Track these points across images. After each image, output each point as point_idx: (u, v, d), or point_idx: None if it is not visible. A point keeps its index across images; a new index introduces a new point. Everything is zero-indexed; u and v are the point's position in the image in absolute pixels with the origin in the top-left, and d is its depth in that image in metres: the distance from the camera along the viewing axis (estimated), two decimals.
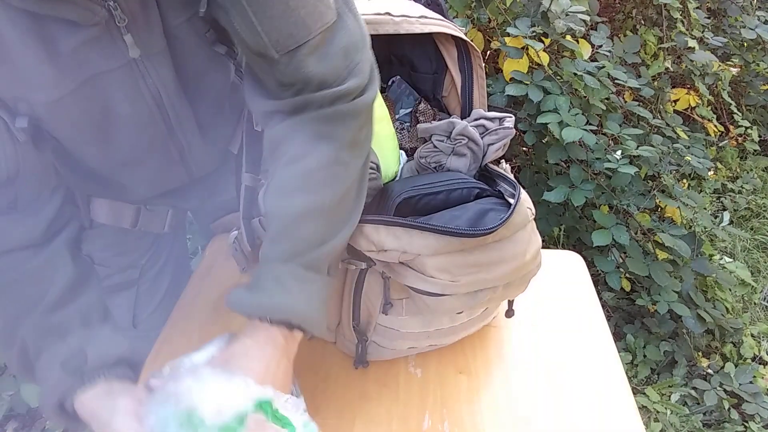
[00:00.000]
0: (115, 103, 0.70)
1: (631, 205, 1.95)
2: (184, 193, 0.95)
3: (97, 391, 0.66)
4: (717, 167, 2.84)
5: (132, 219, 0.92)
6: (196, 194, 0.98)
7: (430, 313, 0.77)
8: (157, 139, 0.78)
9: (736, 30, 2.63)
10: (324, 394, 0.83)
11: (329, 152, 0.65)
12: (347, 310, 0.80)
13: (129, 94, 0.70)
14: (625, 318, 2.08)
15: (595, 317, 0.96)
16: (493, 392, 0.84)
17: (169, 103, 0.75)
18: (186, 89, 0.77)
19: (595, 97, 1.87)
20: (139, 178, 0.85)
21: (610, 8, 2.70)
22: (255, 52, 0.64)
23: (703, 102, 2.49)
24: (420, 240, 0.69)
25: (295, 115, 0.67)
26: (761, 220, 2.67)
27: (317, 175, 0.65)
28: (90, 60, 0.64)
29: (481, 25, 2.06)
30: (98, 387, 0.66)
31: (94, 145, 0.75)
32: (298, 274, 0.63)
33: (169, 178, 0.89)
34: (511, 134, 0.82)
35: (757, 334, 2.09)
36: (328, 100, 0.65)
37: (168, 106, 0.75)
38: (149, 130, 0.76)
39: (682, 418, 1.78)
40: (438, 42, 0.84)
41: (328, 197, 0.65)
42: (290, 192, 0.66)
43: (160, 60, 0.70)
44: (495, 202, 0.75)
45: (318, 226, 0.65)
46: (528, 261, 0.75)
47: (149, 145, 0.79)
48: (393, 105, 0.92)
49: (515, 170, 2.20)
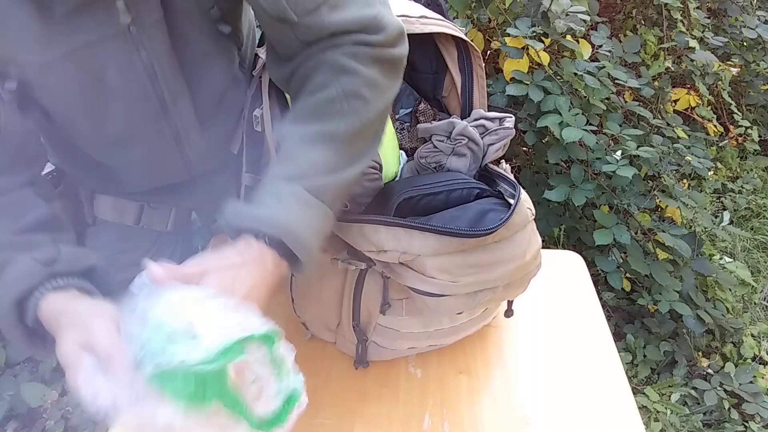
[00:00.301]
0: (107, 73, 0.69)
1: (632, 205, 1.95)
2: (185, 192, 0.95)
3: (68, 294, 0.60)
4: (717, 167, 2.84)
5: (135, 216, 0.92)
6: (197, 193, 0.98)
7: (430, 313, 0.77)
8: (149, 115, 0.77)
9: (737, 30, 2.63)
10: (324, 395, 0.83)
11: (350, 85, 0.64)
12: (347, 310, 0.80)
13: (121, 65, 0.69)
14: (625, 318, 2.08)
15: (595, 317, 0.96)
16: (493, 392, 0.84)
17: (164, 79, 0.73)
18: (184, 68, 0.75)
19: (595, 97, 1.87)
20: (133, 162, 0.83)
21: (610, 8, 2.69)
22: (274, 17, 0.63)
23: (703, 102, 2.49)
24: (420, 240, 0.69)
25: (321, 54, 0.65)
26: (761, 220, 2.67)
27: (335, 105, 0.64)
28: (83, 26, 0.64)
29: (482, 25, 2.06)
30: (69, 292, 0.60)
31: (85, 118, 0.74)
32: (301, 195, 0.61)
33: (166, 169, 0.87)
34: (511, 134, 0.82)
35: (757, 334, 2.09)
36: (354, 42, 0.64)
37: (162, 82, 0.74)
38: (141, 106, 0.75)
39: (682, 418, 1.78)
40: (438, 42, 0.84)
41: (342, 128, 0.63)
42: (306, 117, 0.64)
43: (154, 32, 0.69)
44: (495, 202, 0.75)
45: (328, 154, 0.63)
46: (528, 261, 0.75)
47: (141, 122, 0.77)
48: (393, 105, 0.92)
49: (515, 170, 2.20)
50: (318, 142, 0.63)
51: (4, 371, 1.78)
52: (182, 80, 0.76)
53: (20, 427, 1.70)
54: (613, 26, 2.59)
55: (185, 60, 0.75)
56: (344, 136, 0.63)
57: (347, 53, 0.64)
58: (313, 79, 0.65)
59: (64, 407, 1.74)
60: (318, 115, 0.64)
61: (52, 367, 1.80)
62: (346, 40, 0.64)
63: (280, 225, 0.59)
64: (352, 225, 0.73)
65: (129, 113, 0.75)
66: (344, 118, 0.63)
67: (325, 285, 0.80)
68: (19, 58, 0.63)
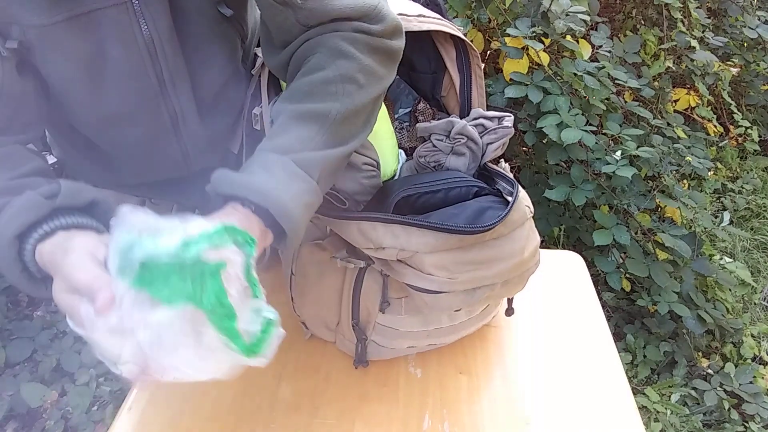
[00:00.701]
0: (106, 43, 0.69)
1: (632, 205, 1.95)
2: (185, 189, 0.94)
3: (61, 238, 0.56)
4: (717, 167, 2.84)
5: None
6: (198, 192, 0.98)
7: (428, 311, 0.77)
8: (147, 93, 0.77)
9: (737, 30, 2.63)
10: (324, 394, 0.83)
11: (347, 69, 0.65)
12: (346, 308, 0.80)
13: (122, 37, 0.70)
14: (625, 318, 2.08)
15: (595, 317, 0.96)
16: (493, 392, 0.84)
17: (163, 56, 0.74)
18: (184, 48, 0.76)
19: (595, 97, 1.87)
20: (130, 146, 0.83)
21: (610, 8, 2.69)
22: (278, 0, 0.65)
23: (703, 102, 2.49)
24: (418, 238, 0.69)
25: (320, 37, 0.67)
26: (761, 220, 2.67)
27: (330, 86, 0.65)
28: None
29: (482, 25, 2.06)
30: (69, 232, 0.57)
31: (83, 90, 0.73)
32: (289, 168, 0.61)
33: (164, 159, 0.87)
34: (510, 133, 0.82)
35: (757, 334, 2.09)
36: (353, 29, 0.66)
37: (161, 59, 0.74)
38: (140, 82, 0.75)
39: (682, 419, 1.78)
40: (436, 42, 0.84)
41: (335, 109, 0.64)
42: (300, 96, 0.65)
43: (156, 6, 0.70)
44: (493, 200, 0.75)
45: (319, 132, 0.64)
46: (526, 258, 0.75)
47: (138, 100, 0.77)
48: (392, 104, 0.92)
49: (515, 170, 2.20)
50: (309, 120, 0.64)
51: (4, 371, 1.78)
52: (182, 61, 0.76)
53: (20, 427, 1.70)
54: (613, 26, 2.59)
55: (186, 40, 0.75)
56: (336, 117, 0.64)
57: (346, 38, 0.66)
58: (310, 60, 0.67)
59: (64, 407, 1.74)
60: (312, 94, 0.65)
61: (52, 367, 1.81)
62: (346, 26, 0.66)
63: (267, 193, 0.58)
64: (351, 223, 0.73)
65: (126, 89, 0.75)
66: (337, 100, 0.64)
67: (324, 284, 0.80)
68: (22, 18, 0.64)
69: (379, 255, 0.72)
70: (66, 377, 1.81)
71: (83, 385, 1.78)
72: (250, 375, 0.86)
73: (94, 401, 1.77)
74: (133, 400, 0.82)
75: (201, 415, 0.80)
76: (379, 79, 0.68)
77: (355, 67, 0.66)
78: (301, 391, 0.83)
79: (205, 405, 0.81)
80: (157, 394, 0.83)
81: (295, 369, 0.87)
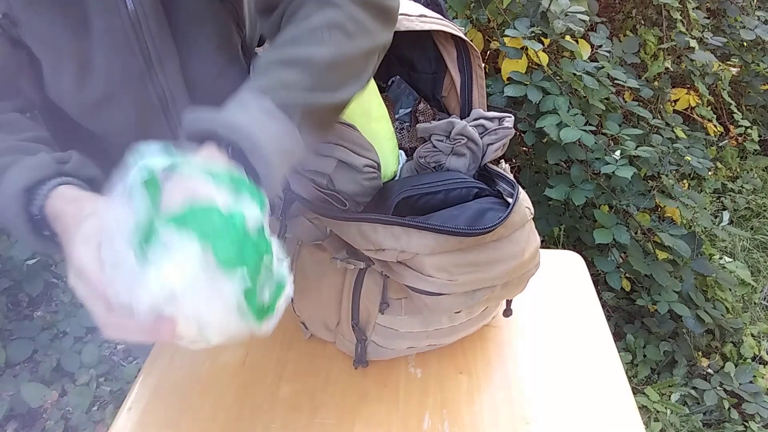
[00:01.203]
0: (90, 16, 0.69)
1: (631, 205, 1.95)
2: None
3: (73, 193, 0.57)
4: (717, 167, 2.85)
5: None
6: None
7: (428, 312, 0.77)
8: (134, 70, 0.75)
9: (736, 30, 2.63)
10: (324, 395, 0.83)
11: (334, 17, 0.63)
12: (346, 309, 0.80)
13: (106, 8, 0.69)
14: (625, 318, 2.08)
15: (595, 317, 0.96)
16: (493, 392, 0.84)
17: (149, 32, 0.72)
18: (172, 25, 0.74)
19: (594, 97, 1.87)
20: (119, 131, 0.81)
21: (610, 8, 2.70)
22: None
23: (703, 102, 2.49)
24: (418, 239, 0.69)
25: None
26: (761, 219, 2.67)
27: (316, 33, 0.62)
28: None
29: (481, 26, 2.06)
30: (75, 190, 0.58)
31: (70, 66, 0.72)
32: (266, 106, 0.57)
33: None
34: (510, 134, 0.82)
35: (757, 333, 2.09)
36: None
37: (147, 35, 0.72)
38: (126, 59, 0.74)
39: (682, 418, 1.78)
40: (437, 42, 0.85)
41: (320, 54, 0.61)
42: (284, 43, 0.62)
43: None
44: (494, 201, 0.75)
45: (303, 76, 0.60)
46: (526, 260, 0.75)
47: (125, 77, 0.76)
48: (393, 105, 0.92)
49: (515, 170, 2.20)
50: (293, 64, 0.61)
51: (4, 371, 1.78)
52: (170, 40, 0.75)
53: (20, 427, 1.70)
54: (612, 26, 2.59)
55: (174, 18, 0.74)
56: (321, 63, 0.61)
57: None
58: (298, 13, 0.65)
59: (64, 407, 1.74)
60: (297, 40, 0.62)
61: (52, 367, 1.81)
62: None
63: (239, 128, 0.54)
64: (351, 224, 0.73)
65: (113, 66, 0.74)
66: (323, 46, 0.62)
67: (324, 284, 0.80)
68: None
69: (379, 256, 0.72)
70: (66, 377, 1.81)
71: (83, 385, 1.78)
72: (250, 375, 0.87)
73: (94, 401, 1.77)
74: (133, 400, 0.82)
75: (201, 415, 0.80)
76: (369, 33, 0.65)
77: (343, 15, 0.63)
78: (301, 391, 0.84)
79: (205, 405, 0.81)
80: (157, 394, 0.83)
81: (295, 369, 0.87)
